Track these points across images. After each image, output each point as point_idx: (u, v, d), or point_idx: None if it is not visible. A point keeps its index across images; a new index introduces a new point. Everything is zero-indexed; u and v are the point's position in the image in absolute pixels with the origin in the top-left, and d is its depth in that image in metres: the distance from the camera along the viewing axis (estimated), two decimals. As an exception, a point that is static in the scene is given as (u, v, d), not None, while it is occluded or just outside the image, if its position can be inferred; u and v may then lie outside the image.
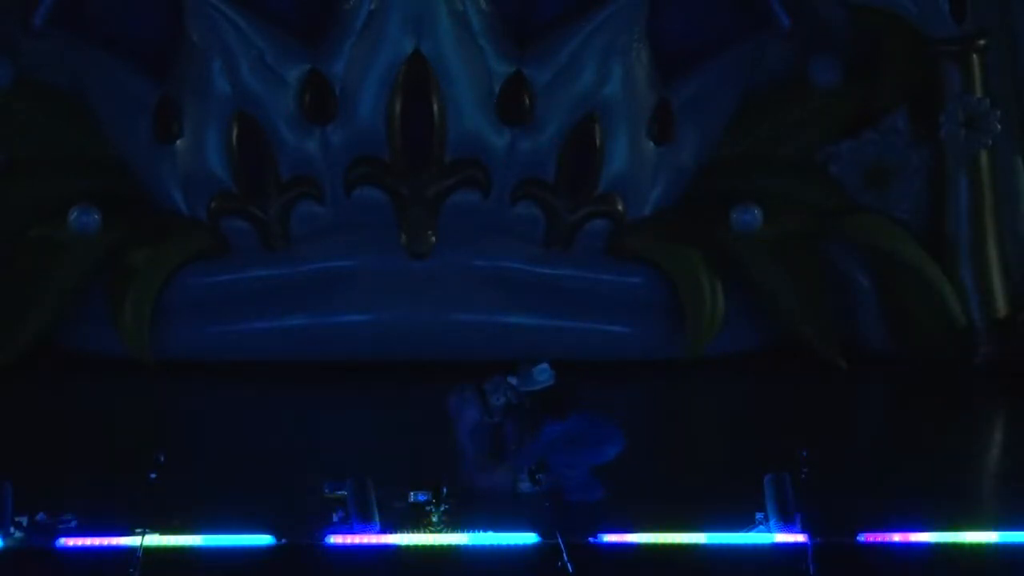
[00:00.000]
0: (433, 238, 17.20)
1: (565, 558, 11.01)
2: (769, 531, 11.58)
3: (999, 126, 17.32)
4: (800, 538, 11.39)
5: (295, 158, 17.23)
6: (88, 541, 11.46)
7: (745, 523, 11.68)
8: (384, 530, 11.62)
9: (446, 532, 11.71)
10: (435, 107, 17.01)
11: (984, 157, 17.48)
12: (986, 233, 17.53)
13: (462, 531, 11.66)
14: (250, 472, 13.47)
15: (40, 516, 11.78)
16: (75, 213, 16.87)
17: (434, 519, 11.83)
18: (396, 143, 17.13)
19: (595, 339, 17.26)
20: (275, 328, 17.15)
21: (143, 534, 11.16)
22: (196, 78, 17.13)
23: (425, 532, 11.72)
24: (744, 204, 17.17)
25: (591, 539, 11.47)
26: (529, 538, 11.49)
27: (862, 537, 11.55)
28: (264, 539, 11.50)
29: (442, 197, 17.20)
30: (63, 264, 16.92)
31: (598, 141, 17.25)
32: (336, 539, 11.55)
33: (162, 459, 11.58)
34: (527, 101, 17.15)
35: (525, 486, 12.65)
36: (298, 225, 17.34)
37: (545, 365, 12.97)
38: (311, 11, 17.31)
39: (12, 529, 11.51)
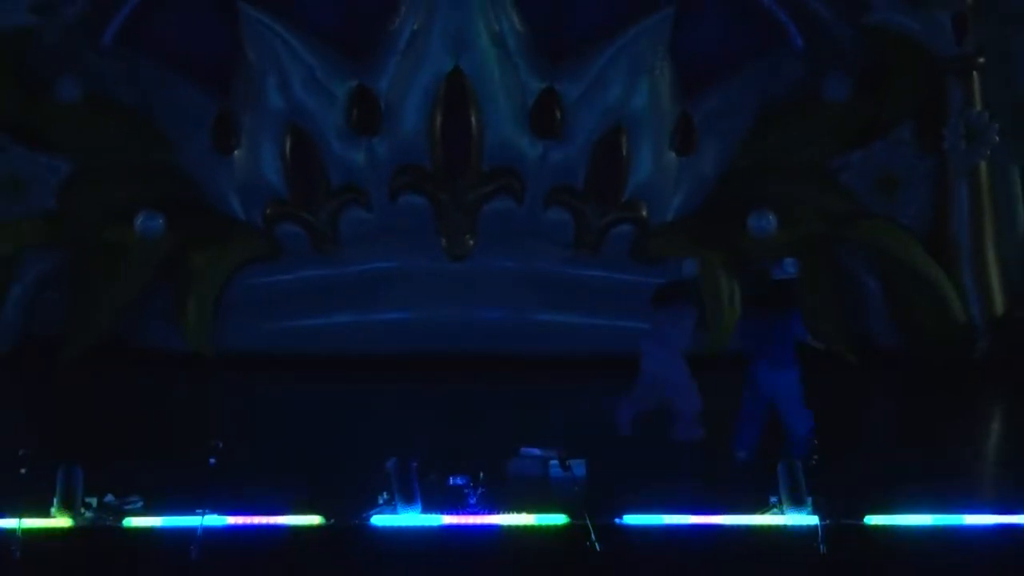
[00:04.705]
0: (471, 241, 17.22)
1: (593, 538, 11.02)
2: (782, 513, 11.57)
3: (997, 138, 17.28)
4: (811, 520, 11.39)
5: (343, 167, 17.27)
6: (153, 520, 11.54)
7: (760, 506, 11.67)
8: (425, 511, 11.65)
9: (482, 514, 11.73)
10: (473, 120, 17.03)
11: (983, 167, 17.45)
12: (985, 237, 17.49)
13: (497, 512, 11.68)
14: (301, 457, 13.51)
15: (108, 497, 11.85)
16: (141, 218, 16.93)
17: (471, 501, 11.84)
18: (437, 153, 17.15)
19: (620, 335, 17.13)
20: (324, 324, 17.18)
21: (203, 514, 11.21)
22: (252, 93, 17.18)
23: (463, 514, 11.74)
24: (760, 210, 17.14)
25: (617, 520, 11.48)
26: (559, 519, 11.51)
27: (870, 519, 11.54)
28: (314, 519, 11.54)
29: (479, 203, 17.22)
30: (130, 265, 16.99)
31: (624, 152, 17.25)
32: (380, 519, 11.58)
33: (220, 445, 11.61)
34: (558, 114, 17.16)
35: (556, 472, 12.65)
36: (346, 229, 17.38)
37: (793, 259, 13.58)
38: (358, 30, 17.34)
39: (82, 509, 11.59)
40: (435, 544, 11.44)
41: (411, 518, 11.58)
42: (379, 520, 11.58)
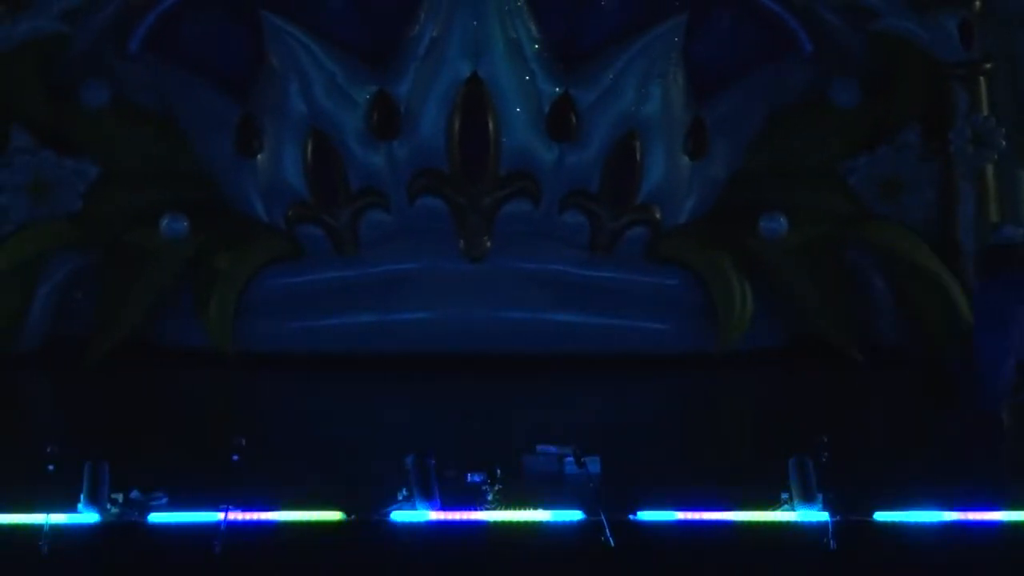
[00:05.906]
0: (488, 243, 17.18)
1: (607, 534, 10.97)
2: (793, 510, 11.52)
3: (1004, 143, 17.21)
4: (822, 516, 11.33)
5: (364, 171, 17.24)
6: (177, 516, 11.51)
7: (771, 502, 11.61)
8: (443, 508, 11.60)
9: (499, 510, 11.68)
10: (490, 125, 16.99)
11: (989, 171, 17.37)
12: (991, 240, 17.40)
13: (513, 509, 11.63)
14: (322, 454, 13.48)
15: (134, 493, 11.79)
16: (165, 220, 16.92)
17: (488, 498, 11.81)
18: (455, 157, 17.11)
19: (634, 335, 17.21)
20: (344, 324, 17.14)
21: (227, 510, 11.17)
22: (275, 98, 17.16)
23: (480, 510, 11.70)
24: (771, 213, 17.09)
25: (631, 516, 11.43)
26: (574, 515, 11.46)
27: (879, 515, 11.48)
28: (334, 515, 11.51)
29: (496, 206, 17.18)
30: (154, 267, 16.98)
31: (638, 156, 17.20)
32: (399, 515, 11.54)
33: (243, 442, 11.57)
34: (574, 119, 17.12)
35: (571, 468, 12.60)
36: (366, 231, 17.34)
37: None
38: (379, 37, 17.31)
39: (108, 505, 11.54)
40: (452, 539, 11.39)
41: (429, 514, 11.54)
42: (398, 516, 11.54)
